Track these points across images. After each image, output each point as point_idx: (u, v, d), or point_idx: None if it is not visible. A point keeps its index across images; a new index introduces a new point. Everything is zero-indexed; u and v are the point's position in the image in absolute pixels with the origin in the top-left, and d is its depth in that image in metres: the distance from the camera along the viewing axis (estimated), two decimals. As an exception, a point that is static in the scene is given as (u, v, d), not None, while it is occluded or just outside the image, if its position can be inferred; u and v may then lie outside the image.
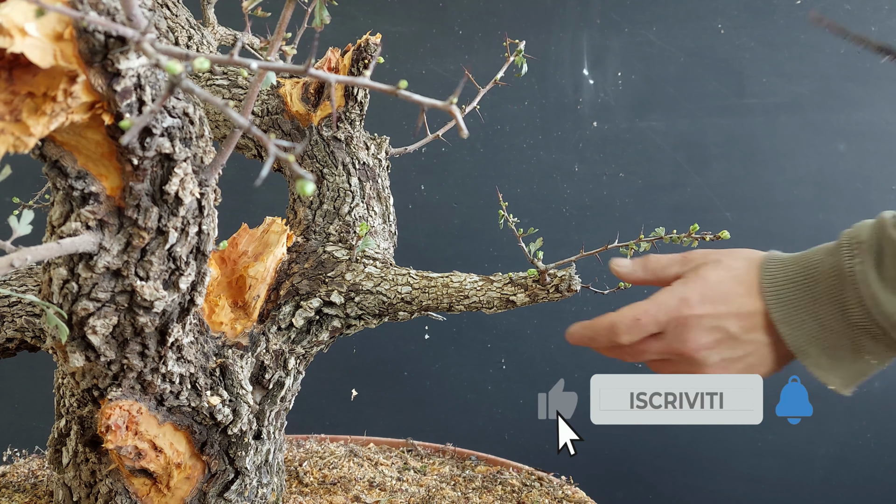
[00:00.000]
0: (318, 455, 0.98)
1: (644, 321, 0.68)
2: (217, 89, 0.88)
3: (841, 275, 0.65)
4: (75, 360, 0.55)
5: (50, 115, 0.40)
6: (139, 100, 0.43)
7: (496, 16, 1.58)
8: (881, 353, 0.66)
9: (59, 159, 0.47)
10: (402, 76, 1.50)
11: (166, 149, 0.48)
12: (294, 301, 0.77)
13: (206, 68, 0.33)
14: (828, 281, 0.66)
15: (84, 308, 0.52)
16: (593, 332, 0.70)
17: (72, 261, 0.51)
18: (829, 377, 0.67)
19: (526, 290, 0.75)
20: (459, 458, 1.03)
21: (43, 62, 0.38)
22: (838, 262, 0.65)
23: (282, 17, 0.46)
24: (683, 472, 1.61)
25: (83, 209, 0.49)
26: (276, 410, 0.77)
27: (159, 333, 0.57)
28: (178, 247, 0.52)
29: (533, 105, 1.57)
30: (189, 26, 0.92)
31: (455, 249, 1.58)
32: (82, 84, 0.41)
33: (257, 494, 0.76)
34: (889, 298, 0.62)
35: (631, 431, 1.66)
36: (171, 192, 0.49)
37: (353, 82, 0.37)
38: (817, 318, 0.66)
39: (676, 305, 0.67)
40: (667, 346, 0.69)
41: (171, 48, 0.36)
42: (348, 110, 0.85)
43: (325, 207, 0.84)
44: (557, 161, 1.38)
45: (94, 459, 0.70)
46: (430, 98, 0.38)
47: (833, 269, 0.66)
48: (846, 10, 1.50)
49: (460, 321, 1.58)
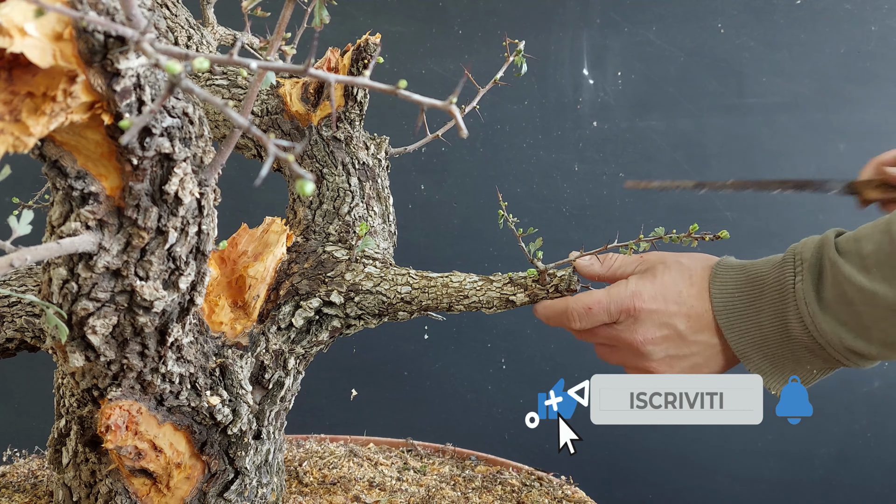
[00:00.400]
0: (318, 455, 0.98)
1: (595, 310, 0.71)
2: (216, 89, 0.88)
3: (783, 290, 0.67)
4: (75, 360, 0.55)
5: (49, 115, 0.40)
6: (139, 100, 0.43)
7: (496, 15, 1.58)
8: (819, 365, 0.68)
9: (58, 159, 0.47)
10: (402, 76, 1.50)
11: (166, 149, 0.48)
12: (294, 301, 0.77)
13: (205, 68, 0.33)
14: (772, 294, 0.68)
15: (84, 308, 0.52)
16: (551, 312, 0.74)
17: (71, 261, 0.51)
18: (771, 382, 0.70)
19: (526, 289, 0.75)
20: (459, 458, 1.03)
21: (42, 62, 0.38)
22: (782, 277, 0.67)
23: (281, 17, 0.46)
24: (683, 472, 1.61)
25: (83, 209, 0.49)
26: (276, 410, 0.77)
27: (159, 333, 0.57)
28: (177, 247, 0.52)
29: (533, 105, 1.57)
30: (188, 26, 0.92)
31: (455, 249, 1.58)
32: (82, 84, 0.40)
33: (257, 494, 0.76)
34: (826, 319, 0.64)
35: (631, 431, 1.66)
36: (171, 192, 0.49)
37: (353, 82, 0.37)
38: (760, 327, 0.68)
39: (629, 298, 0.70)
40: (616, 335, 0.72)
41: (171, 48, 0.36)
42: (348, 110, 0.85)
43: (325, 207, 0.84)
44: (557, 161, 1.38)
45: (94, 459, 0.70)
46: (430, 98, 0.38)
47: (777, 283, 0.68)
48: (846, 9, 1.50)
49: (460, 321, 1.58)
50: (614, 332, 0.72)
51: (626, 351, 0.73)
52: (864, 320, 0.62)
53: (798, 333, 0.66)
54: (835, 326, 0.63)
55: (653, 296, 0.70)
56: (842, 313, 0.63)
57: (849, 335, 0.63)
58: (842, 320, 0.63)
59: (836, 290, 0.63)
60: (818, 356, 0.66)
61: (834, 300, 0.63)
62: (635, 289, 0.71)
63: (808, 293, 0.65)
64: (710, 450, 1.58)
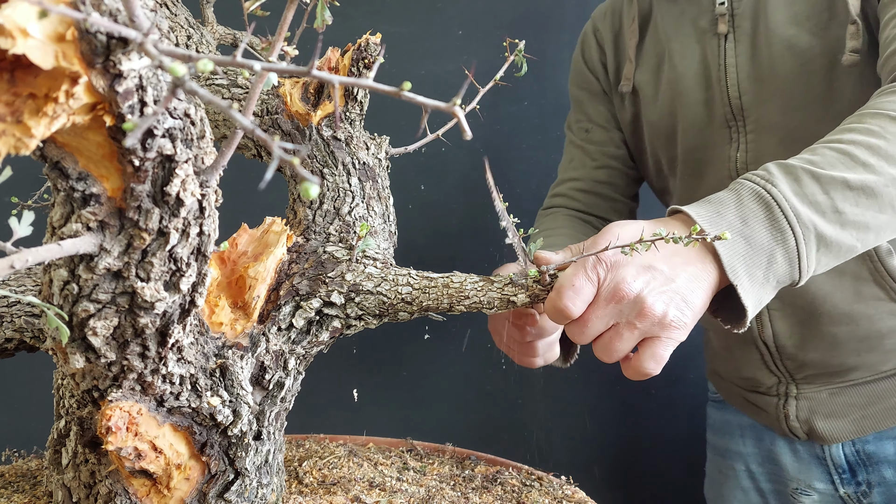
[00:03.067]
0: (318, 455, 0.98)
1: (578, 284, 0.73)
2: (216, 89, 0.88)
3: (762, 197, 0.76)
4: (75, 361, 0.55)
5: (51, 116, 0.39)
6: (141, 101, 0.43)
7: (495, 16, 1.58)
8: (784, 270, 0.76)
9: (60, 161, 0.47)
10: (402, 77, 1.50)
11: (167, 150, 0.48)
12: (294, 301, 0.77)
13: (209, 70, 0.33)
14: (751, 204, 0.76)
15: (84, 309, 0.52)
16: (549, 310, 0.75)
17: (72, 262, 0.51)
18: (748, 298, 0.75)
19: (526, 290, 0.75)
20: (459, 458, 1.03)
21: (45, 63, 0.38)
22: (754, 189, 0.77)
23: (283, 18, 0.46)
24: (684, 473, 1.61)
25: (84, 210, 0.48)
26: (277, 411, 0.77)
27: (160, 335, 0.57)
28: (179, 248, 0.52)
29: (531, 105, 1.57)
30: (188, 25, 0.92)
31: (455, 250, 1.58)
32: (84, 85, 0.40)
33: (257, 495, 0.76)
34: (805, 210, 0.76)
35: (632, 432, 1.66)
36: (173, 194, 0.49)
37: (357, 84, 0.37)
38: (746, 238, 0.75)
39: (596, 258, 0.74)
40: (608, 296, 0.73)
41: (175, 49, 0.36)
42: (348, 110, 0.85)
43: (325, 207, 0.84)
44: (557, 161, 1.38)
45: (94, 460, 0.69)
46: (432, 99, 0.38)
47: (753, 193, 0.77)
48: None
49: (461, 321, 1.58)
50: (603, 297, 0.73)
51: (623, 308, 0.73)
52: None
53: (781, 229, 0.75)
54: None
55: (616, 252, 0.74)
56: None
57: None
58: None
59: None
60: (790, 255, 0.75)
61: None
62: (596, 243, 0.75)
63: (786, 192, 0.76)
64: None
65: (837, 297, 1.08)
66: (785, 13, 1.05)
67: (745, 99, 1.09)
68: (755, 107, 1.09)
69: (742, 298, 0.74)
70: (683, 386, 1.65)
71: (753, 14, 1.08)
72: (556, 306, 0.73)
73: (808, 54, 1.03)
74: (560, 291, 0.73)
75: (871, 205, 0.77)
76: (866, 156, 0.78)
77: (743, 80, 1.09)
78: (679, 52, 1.15)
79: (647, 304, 0.72)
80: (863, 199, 0.77)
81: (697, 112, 1.14)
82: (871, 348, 1.09)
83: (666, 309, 0.72)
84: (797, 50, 1.04)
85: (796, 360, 1.14)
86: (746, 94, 1.09)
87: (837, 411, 1.13)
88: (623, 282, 0.72)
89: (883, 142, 0.79)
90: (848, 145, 0.79)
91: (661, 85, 1.18)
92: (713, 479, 1.35)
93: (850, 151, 0.79)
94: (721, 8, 1.09)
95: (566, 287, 0.72)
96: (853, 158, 0.78)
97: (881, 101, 0.84)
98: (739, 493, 1.27)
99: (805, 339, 1.12)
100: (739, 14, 1.09)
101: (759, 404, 1.22)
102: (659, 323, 0.73)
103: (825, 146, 0.81)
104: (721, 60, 1.11)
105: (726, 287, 0.76)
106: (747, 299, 0.74)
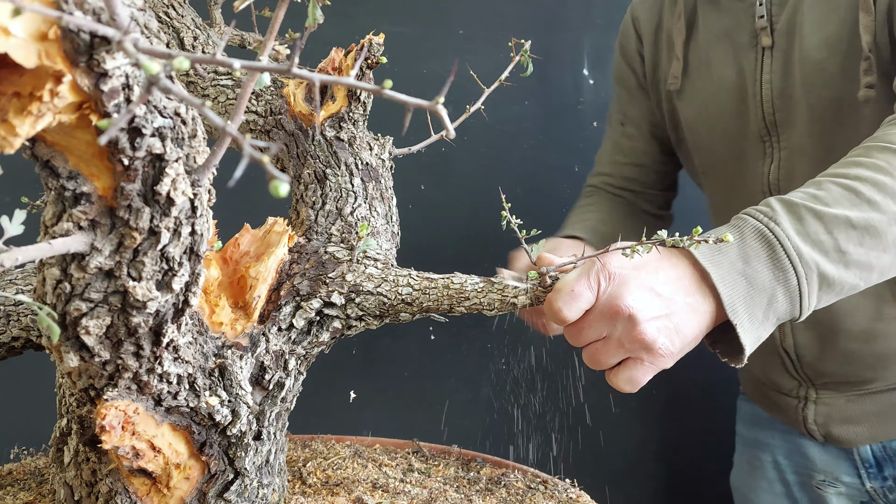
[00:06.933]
0: (323, 456, 0.98)
1: (577, 290, 0.72)
2: (221, 89, 0.88)
3: (764, 236, 0.74)
4: (70, 360, 0.55)
5: (36, 115, 0.40)
6: (127, 100, 0.43)
7: (498, 16, 1.57)
8: (784, 309, 0.75)
9: (50, 159, 0.47)
10: (404, 77, 1.50)
11: (157, 149, 0.48)
12: (294, 302, 0.77)
13: (185, 68, 0.33)
14: (753, 243, 0.75)
15: (77, 308, 0.52)
16: (547, 312, 0.74)
17: (64, 261, 0.51)
18: (747, 337, 0.74)
19: (527, 292, 0.75)
20: (465, 460, 1.02)
21: (27, 62, 0.38)
22: (757, 227, 0.75)
23: (274, 17, 0.46)
24: (690, 477, 1.59)
25: (75, 209, 0.49)
26: (277, 411, 0.77)
27: (154, 334, 0.57)
28: (170, 247, 0.52)
29: (534, 105, 1.57)
30: (195, 27, 0.92)
31: (456, 250, 1.58)
32: (69, 84, 0.40)
33: (258, 495, 0.76)
34: (807, 250, 0.74)
35: (637, 436, 1.65)
36: (163, 193, 0.49)
37: (337, 82, 0.37)
38: (747, 277, 0.74)
39: (600, 266, 0.72)
40: (603, 309, 0.72)
41: (154, 48, 0.36)
42: (351, 110, 0.85)
43: (328, 208, 0.84)
44: (558, 161, 1.37)
45: (95, 459, 0.70)
46: (417, 98, 0.38)
47: (755, 231, 0.75)
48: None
49: (461, 321, 1.58)
50: (599, 308, 0.72)
51: (616, 324, 0.72)
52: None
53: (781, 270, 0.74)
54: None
55: (621, 265, 0.72)
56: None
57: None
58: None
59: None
60: (791, 293, 0.74)
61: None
62: (603, 261, 0.73)
63: (789, 232, 0.74)
64: (720, 457, 1.56)
65: (858, 316, 1.08)
66: (818, 36, 1.02)
67: (778, 116, 1.07)
68: (787, 125, 1.07)
69: (741, 338, 0.73)
70: (686, 390, 1.64)
71: (789, 31, 1.05)
72: (552, 308, 0.72)
73: (837, 81, 1.01)
74: (559, 294, 0.72)
75: (874, 244, 0.76)
76: (872, 193, 0.76)
77: (776, 98, 1.07)
78: (717, 60, 1.14)
79: (640, 327, 0.71)
80: (867, 238, 0.75)
81: (732, 123, 1.13)
82: (888, 364, 1.10)
83: (656, 336, 0.71)
84: (826, 75, 1.01)
85: (815, 369, 1.15)
86: (780, 112, 1.07)
87: (854, 417, 1.13)
88: (621, 297, 0.71)
89: (889, 178, 0.77)
90: (854, 181, 0.77)
91: (700, 90, 1.17)
92: (741, 469, 1.35)
93: (856, 188, 0.77)
94: (761, 21, 1.07)
95: (565, 291, 0.72)
96: (858, 195, 0.76)
97: (889, 132, 0.83)
98: (764, 482, 1.28)
99: (824, 352, 1.13)
100: (778, 30, 1.06)
101: (780, 404, 1.23)
102: (647, 348, 0.71)
103: (830, 180, 0.79)
104: (758, 75, 1.09)
105: (725, 322, 0.75)
106: (746, 338, 0.73)
